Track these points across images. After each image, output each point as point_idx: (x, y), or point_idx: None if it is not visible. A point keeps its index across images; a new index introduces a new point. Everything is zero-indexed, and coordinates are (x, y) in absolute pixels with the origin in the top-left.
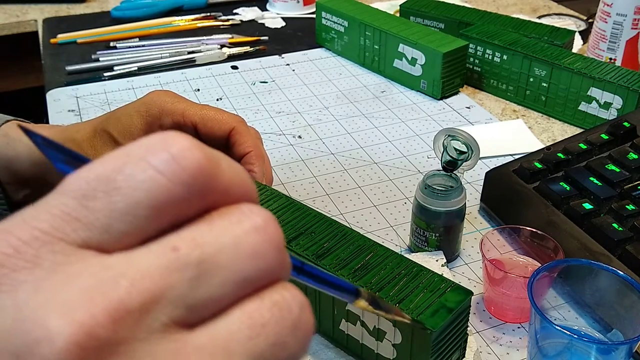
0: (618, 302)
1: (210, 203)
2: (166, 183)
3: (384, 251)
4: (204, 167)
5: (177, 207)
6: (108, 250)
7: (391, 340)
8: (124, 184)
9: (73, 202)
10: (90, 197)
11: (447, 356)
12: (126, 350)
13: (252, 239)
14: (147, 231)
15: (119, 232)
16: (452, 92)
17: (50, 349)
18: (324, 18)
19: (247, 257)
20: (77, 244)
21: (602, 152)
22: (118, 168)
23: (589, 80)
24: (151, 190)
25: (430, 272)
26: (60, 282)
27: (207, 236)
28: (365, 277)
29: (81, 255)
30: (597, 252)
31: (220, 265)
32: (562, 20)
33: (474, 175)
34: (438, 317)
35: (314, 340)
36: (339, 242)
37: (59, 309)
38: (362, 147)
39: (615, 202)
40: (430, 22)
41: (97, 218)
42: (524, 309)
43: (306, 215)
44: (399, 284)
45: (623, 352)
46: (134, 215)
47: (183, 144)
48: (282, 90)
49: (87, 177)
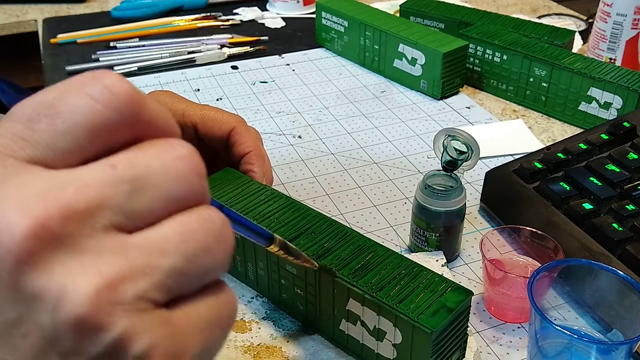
0: (618, 302)
1: (139, 132)
2: (101, 108)
3: (384, 251)
4: (133, 97)
5: (111, 130)
6: (53, 167)
7: (391, 340)
8: (64, 108)
9: (19, 125)
10: (34, 120)
11: (447, 356)
12: (74, 243)
13: (179, 165)
14: (86, 151)
15: (62, 150)
16: (452, 92)
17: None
18: (324, 18)
19: (174, 178)
20: (25, 160)
21: (602, 152)
22: (58, 96)
23: (589, 80)
24: (88, 113)
25: (431, 272)
26: (13, 188)
27: (140, 159)
28: (365, 277)
29: (30, 169)
30: (597, 252)
31: (151, 183)
32: (562, 20)
33: (474, 175)
34: (438, 317)
35: (314, 340)
36: (339, 242)
37: (16, 206)
38: (362, 147)
39: (615, 202)
40: (430, 22)
41: (41, 137)
42: (524, 309)
43: (306, 215)
44: (399, 284)
45: (623, 352)
46: (73, 135)
47: (114, 77)
48: (282, 90)
49: (31, 104)
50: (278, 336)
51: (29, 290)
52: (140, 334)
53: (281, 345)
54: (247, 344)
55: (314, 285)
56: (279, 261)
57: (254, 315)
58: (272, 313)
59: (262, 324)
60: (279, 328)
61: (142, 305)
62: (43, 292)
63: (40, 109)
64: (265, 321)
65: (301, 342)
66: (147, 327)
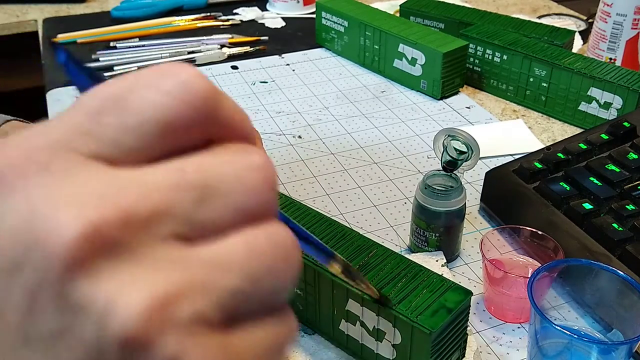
0: (618, 302)
1: (213, 134)
2: (175, 104)
3: (384, 251)
4: (210, 95)
5: (184, 129)
6: (117, 164)
7: (391, 341)
8: (135, 102)
9: (85, 117)
10: (101, 113)
11: (447, 356)
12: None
13: (252, 175)
14: (155, 150)
15: (128, 147)
16: (452, 92)
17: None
18: (324, 18)
19: (247, 189)
20: (88, 156)
21: (602, 152)
22: (130, 88)
23: (589, 80)
24: (160, 109)
25: (430, 272)
26: (71, 185)
27: (212, 164)
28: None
29: (91, 166)
30: (597, 252)
31: (222, 192)
32: (562, 20)
33: (474, 175)
34: (437, 318)
35: (313, 340)
36: (339, 242)
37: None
38: (362, 147)
39: (615, 202)
40: (430, 22)
41: (107, 132)
42: (524, 309)
43: (306, 215)
44: (398, 284)
45: (623, 352)
46: (142, 132)
47: (191, 71)
48: (282, 90)
49: (100, 95)
50: None
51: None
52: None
53: None
54: None
55: (313, 286)
56: None
57: None
58: None
59: None
60: None
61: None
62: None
63: (109, 102)
64: None
65: (301, 342)
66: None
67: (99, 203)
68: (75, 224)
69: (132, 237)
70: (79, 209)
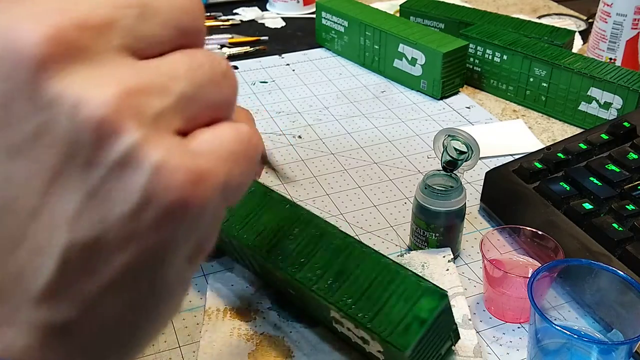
0: (618, 302)
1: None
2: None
3: (360, 252)
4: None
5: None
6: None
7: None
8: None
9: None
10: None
11: (436, 351)
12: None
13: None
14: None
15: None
16: (452, 92)
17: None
18: (324, 18)
19: (181, 10)
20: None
21: (602, 152)
22: None
23: (589, 80)
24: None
25: (405, 275)
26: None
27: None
28: (340, 290)
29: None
30: (597, 252)
31: (160, 11)
32: (562, 20)
33: (474, 175)
34: (410, 335)
35: (316, 332)
36: (317, 246)
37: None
38: (362, 147)
39: (615, 202)
40: (430, 22)
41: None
42: (524, 309)
43: (283, 213)
44: (373, 294)
45: (623, 352)
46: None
47: None
48: (282, 90)
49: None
50: (281, 326)
51: (48, 96)
52: (159, 145)
53: (283, 335)
54: (250, 332)
55: (297, 295)
56: None
57: (259, 305)
58: (277, 304)
59: (266, 314)
60: (283, 319)
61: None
62: (62, 96)
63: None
64: (270, 311)
65: (304, 332)
66: (165, 142)
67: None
68: (39, 28)
69: (90, 41)
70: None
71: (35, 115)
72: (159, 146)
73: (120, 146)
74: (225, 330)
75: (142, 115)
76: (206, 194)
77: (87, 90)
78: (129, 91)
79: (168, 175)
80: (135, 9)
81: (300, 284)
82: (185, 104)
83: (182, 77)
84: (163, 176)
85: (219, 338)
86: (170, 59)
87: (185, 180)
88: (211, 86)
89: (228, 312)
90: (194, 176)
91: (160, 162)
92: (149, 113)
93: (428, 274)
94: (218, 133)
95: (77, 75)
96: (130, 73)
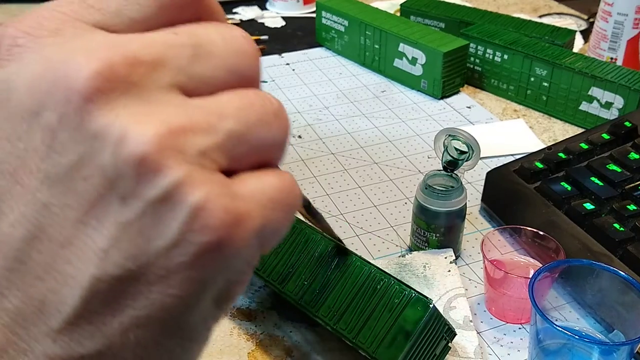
0: (619, 303)
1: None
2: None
3: (345, 260)
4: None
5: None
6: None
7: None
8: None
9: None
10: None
11: (430, 353)
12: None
13: (241, 41)
14: (151, 22)
15: (128, 18)
16: (453, 92)
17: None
18: (324, 17)
19: (236, 52)
20: (92, 24)
21: (603, 152)
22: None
23: (590, 79)
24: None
25: (389, 283)
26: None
27: (202, 31)
28: (326, 303)
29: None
30: (598, 253)
31: (213, 52)
32: (563, 19)
33: (474, 175)
34: (395, 349)
35: (316, 331)
36: (302, 254)
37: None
38: (362, 147)
39: (617, 202)
40: (430, 21)
41: (109, 4)
42: (525, 310)
43: None
44: (358, 306)
45: (624, 352)
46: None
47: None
48: (282, 90)
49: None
50: (281, 326)
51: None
52: (200, 185)
53: (284, 334)
54: (250, 332)
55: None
56: None
57: (260, 305)
58: (279, 303)
59: (267, 313)
60: (284, 318)
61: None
62: (107, 130)
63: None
64: (271, 311)
65: (304, 332)
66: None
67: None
68: (91, 62)
69: (139, 78)
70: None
71: (79, 146)
72: (201, 185)
73: (161, 183)
74: (225, 329)
75: (185, 153)
76: (243, 237)
77: (132, 126)
78: (174, 129)
79: (207, 214)
80: (189, 49)
81: (288, 297)
82: (233, 143)
83: (231, 115)
84: (202, 215)
85: (219, 337)
86: (220, 98)
87: (223, 221)
88: (261, 126)
89: (228, 312)
90: (233, 218)
91: (201, 201)
92: (193, 151)
93: (429, 275)
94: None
95: (124, 110)
96: (177, 111)
